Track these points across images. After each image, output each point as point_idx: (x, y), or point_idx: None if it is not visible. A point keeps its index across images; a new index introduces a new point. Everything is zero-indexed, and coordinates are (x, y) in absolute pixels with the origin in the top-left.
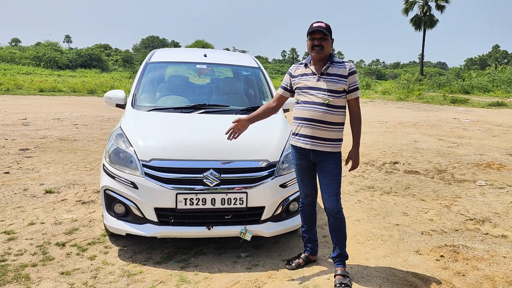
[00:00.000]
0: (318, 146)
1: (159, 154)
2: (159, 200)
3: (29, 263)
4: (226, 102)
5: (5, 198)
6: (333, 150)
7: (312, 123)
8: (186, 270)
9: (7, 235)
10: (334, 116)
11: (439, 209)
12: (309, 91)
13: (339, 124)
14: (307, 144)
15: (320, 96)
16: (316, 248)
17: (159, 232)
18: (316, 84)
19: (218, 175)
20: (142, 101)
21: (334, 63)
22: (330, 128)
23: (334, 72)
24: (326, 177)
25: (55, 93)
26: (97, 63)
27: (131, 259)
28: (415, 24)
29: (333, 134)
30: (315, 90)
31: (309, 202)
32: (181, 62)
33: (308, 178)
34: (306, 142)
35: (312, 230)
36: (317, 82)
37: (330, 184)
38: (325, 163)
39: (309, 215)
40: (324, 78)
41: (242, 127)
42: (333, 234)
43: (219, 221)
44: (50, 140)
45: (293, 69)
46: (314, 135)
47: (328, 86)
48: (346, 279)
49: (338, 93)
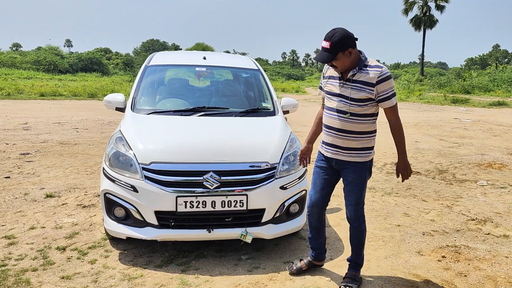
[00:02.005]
0: (339, 155)
1: (158, 157)
2: (159, 203)
3: (29, 268)
4: (225, 104)
5: (6, 203)
6: (356, 160)
7: (332, 131)
8: (186, 273)
9: (7, 240)
10: (357, 124)
11: (441, 209)
12: (332, 97)
13: (364, 133)
14: (328, 152)
15: (342, 104)
16: (322, 255)
17: (160, 235)
18: (340, 90)
19: (218, 178)
20: (141, 104)
21: (364, 69)
22: (351, 137)
23: (361, 78)
24: (347, 186)
25: (56, 97)
26: (98, 67)
27: (132, 263)
28: (414, 25)
29: (355, 143)
30: (338, 97)
31: (314, 212)
32: (180, 65)
33: (320, 185)
34: (327, 150)
35: (318, 239)
36: (341, 88)
37: (350, 193)
38: (347, 172)
39: (315, 224)
40: (348, 85)
41: (307, 152)
42: (351, 239)
43: (220, 223)
44: (51, 144)
45: (325, 69)
46: (335, 144)
47: (352, 94)
48: (353, 283)
49: (362, 101)
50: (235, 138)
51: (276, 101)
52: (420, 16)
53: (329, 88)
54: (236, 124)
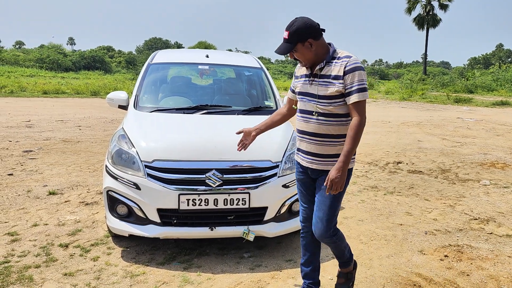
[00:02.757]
0: (314, 163)
1: (161, 155)
2: (161, 201)
3: (32, 265)
4: (228, 102)
5: (9, 200)
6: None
7: (305, 136)
8: (189, 271)
9: (10, 237)
10: (330, 126)
11: (443, 208)
12: (303, 97)
13: (340, 137)
14: (303, 160)
15: (310, 104)
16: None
17: (162, 233)
18: (308, 89)
19: (220, 176)
20: (144, 102)
21: (332, 61)
22: (325, 142)
23: (329, 72)
24: (318, 197)
25: (58, 95)
26: (101, 65)
27: (134, 260)
28: (418, 24)
29: (331, 148)
30: (307, 96)
31: (308, 229)
32: (183, 63)
33: (307, 198)
34: (303, 158)
35: (312, 264)
36: (310, 86)
37: (322, 206)
38: (321, 180)
39: (309, 244)
40: (316, 81)
41: (245, 138)
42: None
43: (222, 221)
44: (54, 142)
45: (297, 69)
46: (309, 150)
47: (319, 91)
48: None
49: (331, 98)
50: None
51: (279, 99)
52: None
53: (300, 88)
54: (239, 123)
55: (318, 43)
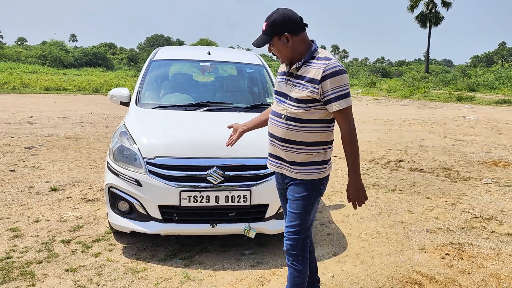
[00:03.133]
0: (283, 168)
1: (163, 152)
2: (163, 198)
3: (34, 260)
4: (230, 99)
5: (11, 196)
6: (302, 178)
7: (275, 140)
8: (190, 267)
9: (12, 232)
10: (300, 133)
11: (445, 207)
12: (276, 97)
13: (311, 144)
14: (272, 165)
15: (281, 106)
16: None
17: (163, 229)
18: (283, 88)
19: (221, 173)
20: (146, 98)
21: (311, 61)
22: (294, 149)
23: (305, 74)
24: (287, 207)
25: (60, 92)
26: (102, 61)
27: (136, 257)
28: (420, 21)
29: (300, 156)
30: (280, 96)
31: None
32: (185, 60)
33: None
34: (272, 163)
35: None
36: (285, 86)
37: (289, 217)
38: (291, 189)
39: None
40: (291, 81)
41: (234, 133)
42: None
43: (223, 218)
44: (56, 138)
45: (281, 66)
46: (278, 155)
47: (292, 93)
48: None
49: (303, 102)
50: None
51: None
52: (425, 13)
53: (276, 86)
54: (240, 120)
55: (297, 39)
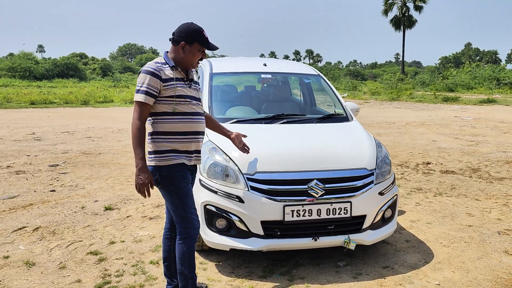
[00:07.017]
0: (198, 160)
1: (262, 167)
2: (266, 213)
3: (135, 284)
4: (300, 111)
5: (68, 217)
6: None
7: (199, 136)
8: (295, 282)
9: (95, 256)
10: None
11: (499, 208)
12: (192, 101)
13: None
14: (196, 160)
15: (200, 106)
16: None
17: (266, 245)
18: (192, 92)
19: (322, 185)
20: (218, 113)
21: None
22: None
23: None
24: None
25: (47, 105)
26: (74, 72)
27: (234, 274)
28: (395, 25)
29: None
30: (195, 100)
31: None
32: (246, 72)
33: None
34: (197, 158)
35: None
36: (191, 89)
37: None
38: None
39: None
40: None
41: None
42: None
43: (323, 231)
44: (74, 155)
45: (158, 70)
46: (197, 149)
47: (198, 95)
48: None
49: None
50: (329, 145)
51: (346, 106)
52: (399, 17)
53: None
54: (321, 131)
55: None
